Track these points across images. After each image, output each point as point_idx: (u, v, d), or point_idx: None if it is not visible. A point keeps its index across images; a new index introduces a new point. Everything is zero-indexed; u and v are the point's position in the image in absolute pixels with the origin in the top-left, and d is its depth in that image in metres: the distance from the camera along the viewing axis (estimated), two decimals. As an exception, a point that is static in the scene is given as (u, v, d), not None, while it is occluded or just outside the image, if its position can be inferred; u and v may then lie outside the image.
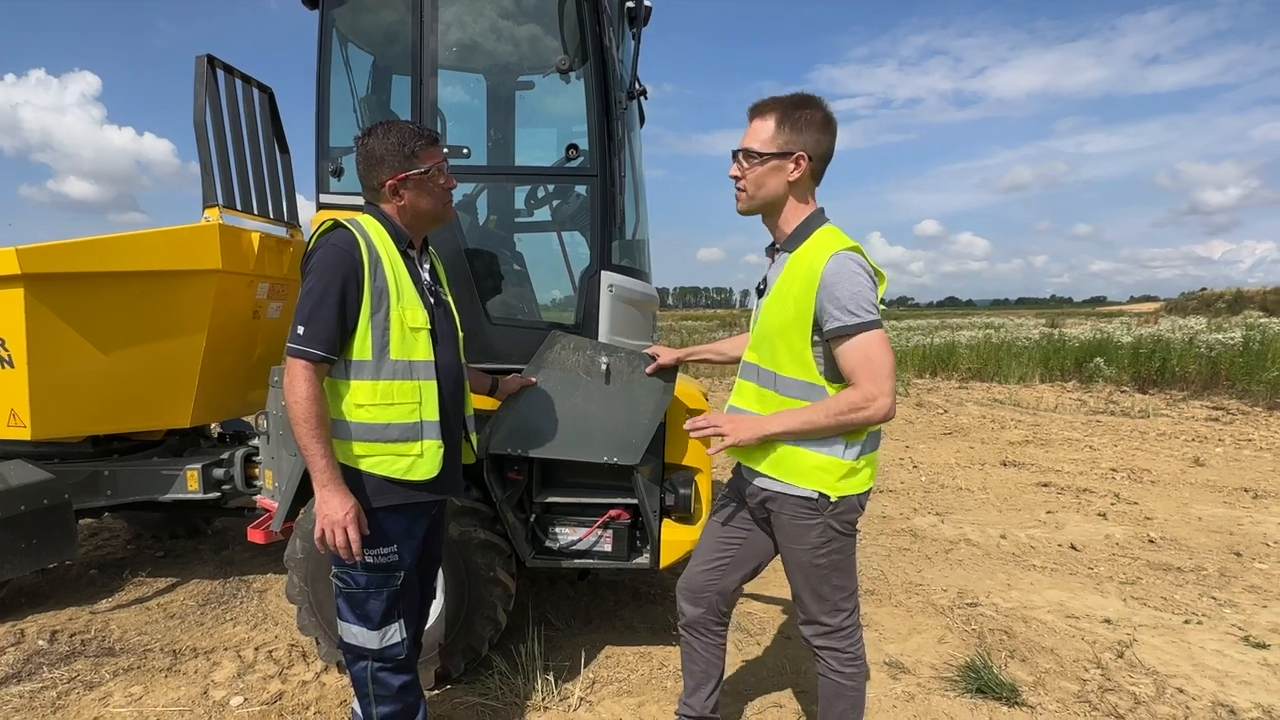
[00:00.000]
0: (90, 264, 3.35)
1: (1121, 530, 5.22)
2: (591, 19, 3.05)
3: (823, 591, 2.06)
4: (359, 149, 2.14)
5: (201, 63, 3.67)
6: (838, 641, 2.10)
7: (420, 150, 2.10)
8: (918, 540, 5.01)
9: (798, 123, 1.95)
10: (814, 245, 1.96)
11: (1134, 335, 15.04)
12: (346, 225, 2.05)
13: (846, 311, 1.83)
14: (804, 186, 2.01)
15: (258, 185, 4.05)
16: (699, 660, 2.37)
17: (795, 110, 1.95)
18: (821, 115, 1.96)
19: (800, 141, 1.95)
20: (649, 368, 2.87)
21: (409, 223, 2.16)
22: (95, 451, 3.91)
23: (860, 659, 2.13)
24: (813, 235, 1.99)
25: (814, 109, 1.96)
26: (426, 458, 2.10)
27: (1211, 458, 7.54)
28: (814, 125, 1.95)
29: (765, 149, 1.97)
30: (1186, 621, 3.69)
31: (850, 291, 1.83)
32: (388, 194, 2.11)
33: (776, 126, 1.96)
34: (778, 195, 2.01)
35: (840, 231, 1.99)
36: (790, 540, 2.06)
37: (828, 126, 1.97)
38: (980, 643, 3.42)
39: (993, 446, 8.20)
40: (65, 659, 3.20)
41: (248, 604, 3.84)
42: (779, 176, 1.98)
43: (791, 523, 2.02)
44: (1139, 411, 10.48)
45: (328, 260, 1.98)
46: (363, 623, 2.15)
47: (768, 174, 1.98)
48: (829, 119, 1.97)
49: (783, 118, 1.95)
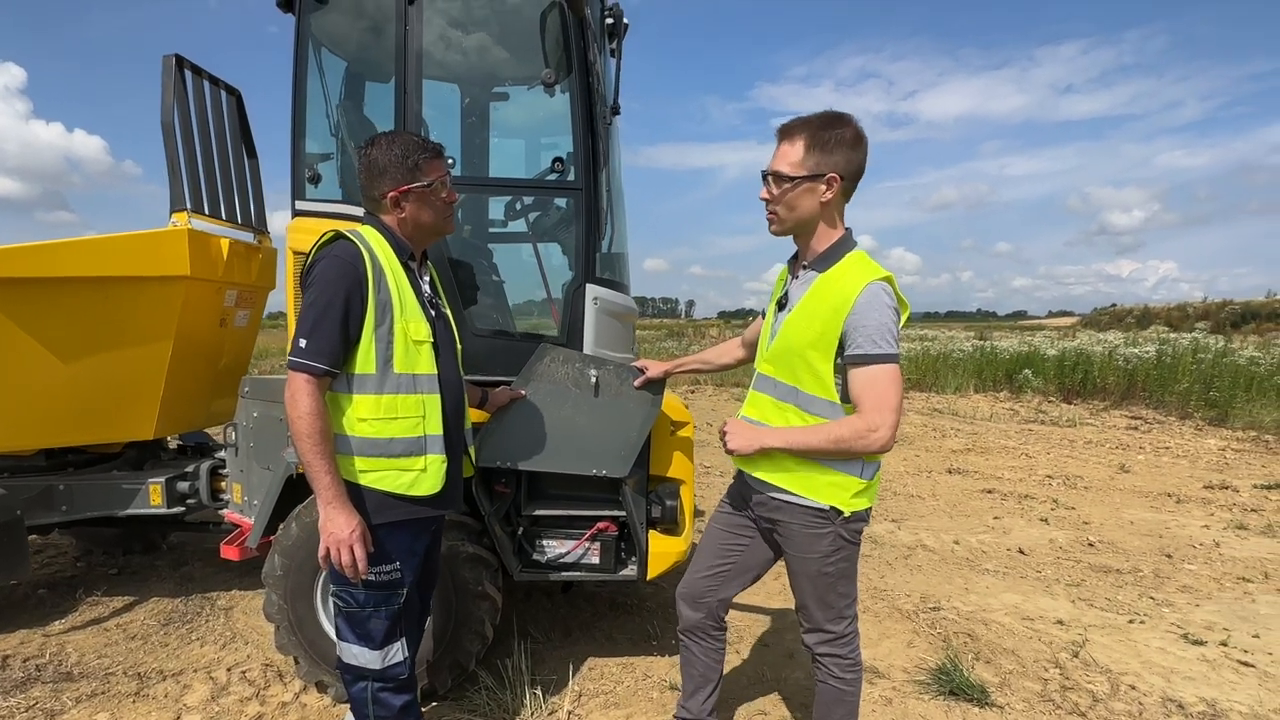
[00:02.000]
0: (47, 268, 3.19)
1: (1063, 535, 5.51)
2: (576, 33, 3.08)
3: (829, 599, 2.12)
4: (361, 159, 2.12)
5: (169, 63, 3.54)
6: (840, 648, 2.17)
7: (424, 163, 2.10)
8: (878, 546, 5.18)
9: (827, 144, 1.93)
10: (847, 270, 1.97)
11: (1058, 348, 15.85)
12: (349, 237, 2.02)
13: (871, 340, 1.86)
14: (836, 206, 2.01)
15: (226, 190, 3.93)
16: (698, 664, 2.42)
17: (824, 131, 1.93)
18: (852, 133, 1.94)
19: (831, 162, 1.93)
20: (637, 381, 2.90)
21: (409, 235, 2.15)
22: (49, 465, 3.71)
23: (859, 665, 2.21)
24: (844, 259, 1.99)
25: (843, 128, 1.94)
26: (430, 472, 2.09)
27: (1135, 464, 8.02)
28: (844, 144, 1.93)
29: (796, 172, 1.95)
30: (1130, 621, 3.94)
31: (878, 322, 1.86)
32: (389, 205, 2.10)
33: (806, 149, 1.94)
34: (811, 216, 2.00)
35: (870, 258, 2.01)
36: (800, 550, 2.10)
37: (858, 144, 1.95)
38: (947, 646, 3.57)
39: (937, 455, 8.53)
40: (21, 685, 3.02)
41: (214, 622, 3.69)
42: (811, 198, 1.97)
43: (803, 532, 2.06)
44: (1066, 420, 11.06)
45: (331, 272, 1.96)
46: (364, 642, 2.13)
47: (800, 196, 1.97)
48: (859, 136, 1.95)
49: (812, 140, 1.93)
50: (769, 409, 2.13)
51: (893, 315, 1.90)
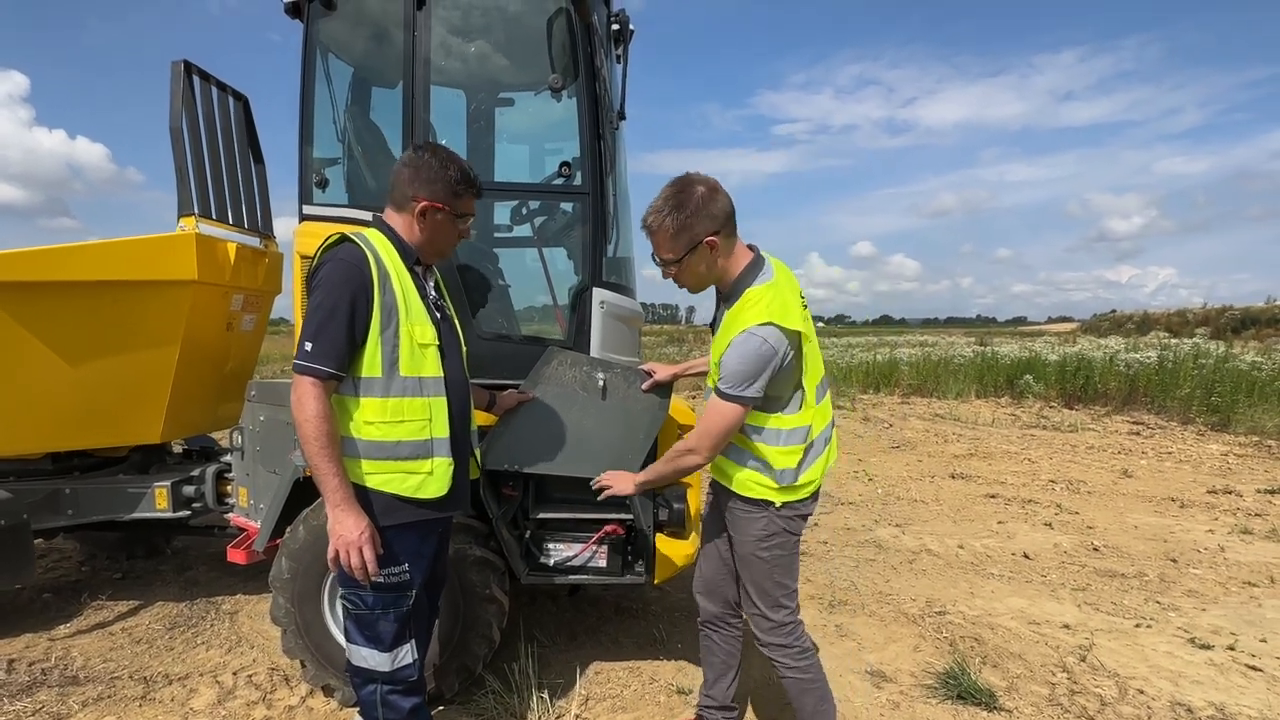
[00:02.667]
0: (55, 272, 3.20)
1: (1067, 539, 5.50)
2: (584, 39, 3.09)
3: (765, 585, 2.25)
4: (413, 158, 2.11)
5: (178, 69, 3.56)
6: (782, 638, 2.27)
7: (466, 195, 2.14)
8: (882, 551, 5.18)
9: (686, 219, 2.06)
10: (740, 310, 2.11)
11: (1059, 354, 15.86)
12: (355, 240, 2.02)
13: (724, 380, 2.08)
14: (727, 250, 2.14)
15: (233, 194, 3.94)
16: (719, 653, 2.55)
17: (679, 211, 2.06)
18: (702, 193, 2.06)
19: (700, 229, 2.07)
20: (645, 384, 2.91)
21: (417, 245, 2.15)
22: (55, 469, 3.70)
23: (809, 651, 2.30)
24: (743, 296, 2.13)
25: (692, 195, 2.06)
26: (437, 475, 2.08)
27: (1138, 470, 8.01)
28: (700, 210, 2.06)
29: (676, 254, 2.11)
30: (1137, 625, 3.93)
31: (735, 370, 2.05)
32: (414, 210, 2.10)
33: (674, 234, 2.08)
34: (710, 273, 2.18)
35: (767, 293, 2.09)
36: (738, 533, 2.27)
37: (714, 197, 2.08)
38: (954, 650, 3.56)
39: (940, 460, 8.53)
40: (27, 689, 3.02)
41: (219, 626, 3.69)
42: (700, 260, 2.12)
43: (741, 515, 2.26)
44: (1068, 426, 11.05)
45: (337, 276, 1.95)
46: (374, 645, 2.12)
47: (690, 266, 2.14)
48: (711, 190, 2.07)
49: (675, 224, 2.07)
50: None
51: (753, 366, 2.04)
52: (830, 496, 6.76)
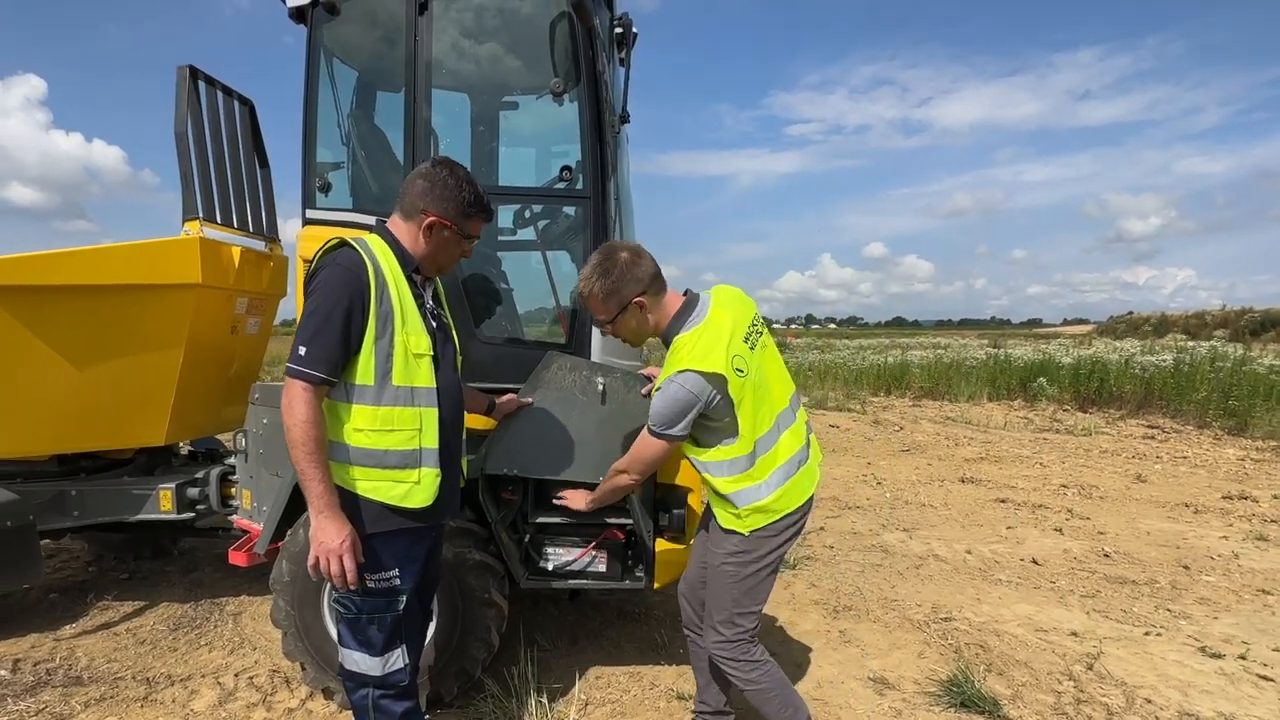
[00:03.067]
0: (61, 276, 3.23)
1: (1077, 545, 5.44)
2: (585, 42, 3.09)
3: (724, 600, 2.30)
4: (432, 172, 2.10)
5: (183, 73, 3.59)
6: (730, 651, 2.32)
7: (475, 217, 2.15)
8: (889, 556, 5.14)
9: (614, 284, 2.23)
10: (670, 357, 2.26)
11: (1073, 356, 15.70)
12: (353, 245, 2.00)
13: (651, 416, 2.24)
14: (654, 306, 2.29)
15: (238, 198, 3.96)
16: (703, 656, 2.55)
17: (605, 277, 2.23)
18: (623, 261, 2.22)
19: (628, 290, 2.23)
20: (644, 389, 2.90)
21: (419, 256, 2.13)
22: (61, 470, 3.74)
23: (760, 663, 2.34)
24: (672, 343, 2.27)
25: (613, 266, 2.23)
26: (423, 485, 2.06)
27: (1152, 474, 7.92)
28: (623, 277, 2.22)
29: (609, 315, 2.29)
30: (1147, 633, 3.87)
31: (657, 410, 2.20)
32: (421, 221, 2.08)
33: (604, 298, 2.25)
34: (646, 327, 2.33)
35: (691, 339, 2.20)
36: (713, 543, 2.36)
37: (631, 268, 2.23)
38: (958, 657, 3.53)
39: (950, 463, 8.46)
40: (31, 689, 3.04)
41: (222, 628, 3.71)
42: (635, 319, 2.29)
43: (717, 527, 2.35)
44: (1082, 430, 10.94)
45: (334, 280, 1.94)
46: (365, 649, 2.11)
47: (625, 323, 2.31)
48: (634, 256, 2.24)
49: (604, 291, 2.24)
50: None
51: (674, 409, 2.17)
52: (837, 500, 6.72)
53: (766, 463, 2.26)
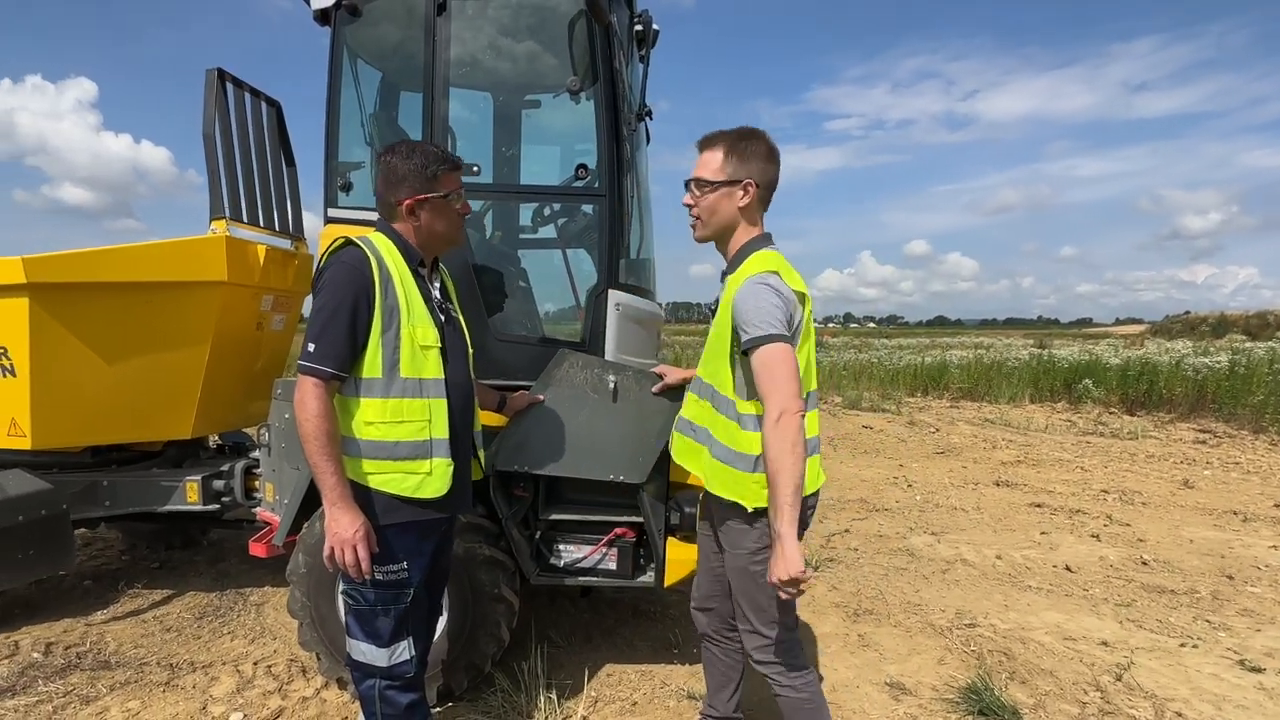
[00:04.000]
0: (95, 274, 3.34)
1: (1115, 552, 5.26)
2: (602, 41, 3.08)
3: (759, 601, 2.13)
4: (380, 165, 2.16)
5: (211, 76, 3.69)
6: (778, 655, 2.16)
7: (442, 175, 2.13)
8: (915, 560, 5.03)
9: (744, 153, 2.08)
10: (741, 270, 2.08)
11: (1122, 357, 15.20)
12: (357, 243, 2.05)
13: (749, 326, 1.96)
14: (752, 212, 2.14)
15: (264, 198, 4.06)
16: (719, 665, 2.50)
17: (741, 141, 2.10)
18: (765, 146, 2.11)
19: (747, 169, 2.08)
20: (655, 387, 2.88)
21: (421, 243, 2.17)
22: (94, 462, 3.87)
23: (805, 669, 2.19)
24: (745, 260, 2.10)
25: (758, 141, 2.11)
26: (436, 475, 2.10)
27: (1200, 480, 7.61)
28: (759, 155, 2.10)
29: (715, 177, 2.10)
30: (1182, 645, 3.72)
31: (753, 308, 1.95)
32: (404, 213, 2.13)
33: (725, 156, 2.09)
34: (729, 221, 2.14)
35: (772, 255, 2.09)
36: (731, 545, 2.17)
37: (771, 156, 2.12)
38: (980, 664, 3.44)
39: (985, 466, 8.26)
40: (61, 672, 3.16)
41: (245, 617, 3.81)
42: (729, 203, 2.11)
43: (733, 528, 2.15)
44: (1128, 433, 10.59)
45: (339, 278, 1.99)
46: (372, 640, 2.15)
47: (719, 200, 2.11)
48: (772, 149, 2.12)
49: (730, 148, 2.09)
50: (694, 406, 2.27)
51: (771, 300, 1.95)
52: (865, 503, 6.61)
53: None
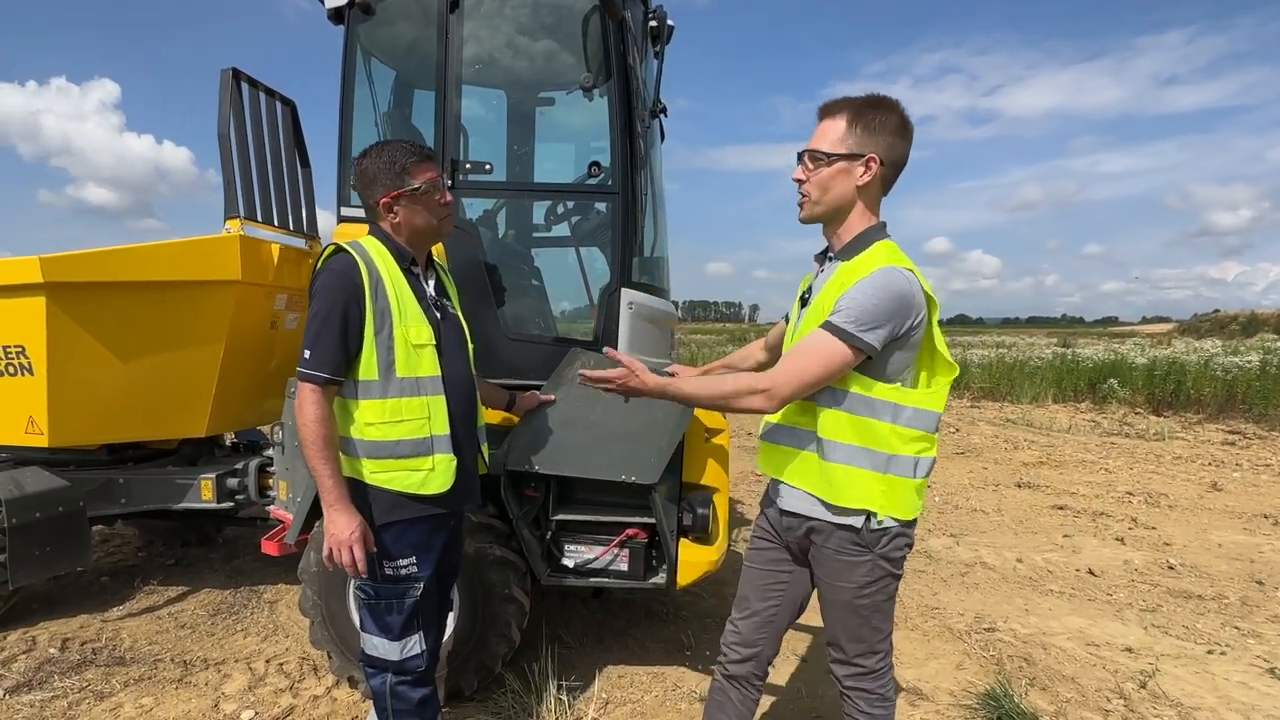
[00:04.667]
0: (111, 273, 3.36)
1: (1140, 556, 5.14)
2: (616, 37, 3.06)
3: (862, 633, 1.95)
4: (355, 170, 2.18)
5: (226, 76, 3.70)
6: (870, 683, 2.00)
7: (412, 167, 2.13)
8: (933, 562, 4.95)
9: (871, 124, 1.81)
10: (869, 257, 1.83)
11: (1148, 356, 14.92)
12: (347, 249, 2.09)
13: (843, 314, 1.74)
14: (873, 193, 1.87)
15: (278, 197, 4.07)
16: (731, 712, 2.17)
17: (869, 111, 1.82)
18: (898, 119, 1.82)
19: (873, 144, 1.81)
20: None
21: (407, 239, 2.19)
22: (110, 459, 3.91)
23: (890, 700, 2.04)
24: (871, 247, 1.85)
25: (890, 111, 1.82)
26: (439, 471, 2.12)
27: (1229, 482, 7.44)
28: (888, 128, 1.81)
29: (834, 150, 1.83)
30: (1210, 652, 3.63)
31: (860, 301, 1.73)
32: (383, 212, 2.15)
33: (848, 126, 1.82)
34: (844, 201, 1.86)
35: (899, 250, 1.85)
36: (833, 578, 1.92)
37: (904, 131, 1.83)
38: (999, 670, 3.37)
39: (1006, 467, 8.13)
40: (76, 668, 3.19)
41: (258, 615, 3.83)
42: (847, 180, 1.83)
43: (836, 558, 1.89)
44: (1154, 434, 10.38)
45: (329, 284, 2.04)
46: (383, 634, 2.18)
47: (835, 177, 1.83)
48: (905, 123, 1.83)
49: (855, 117, 1.82)
50: (790, 409, 1.96)
51: (888, 303, 1.73)
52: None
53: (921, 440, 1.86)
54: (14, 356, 3.34)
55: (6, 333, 3.33)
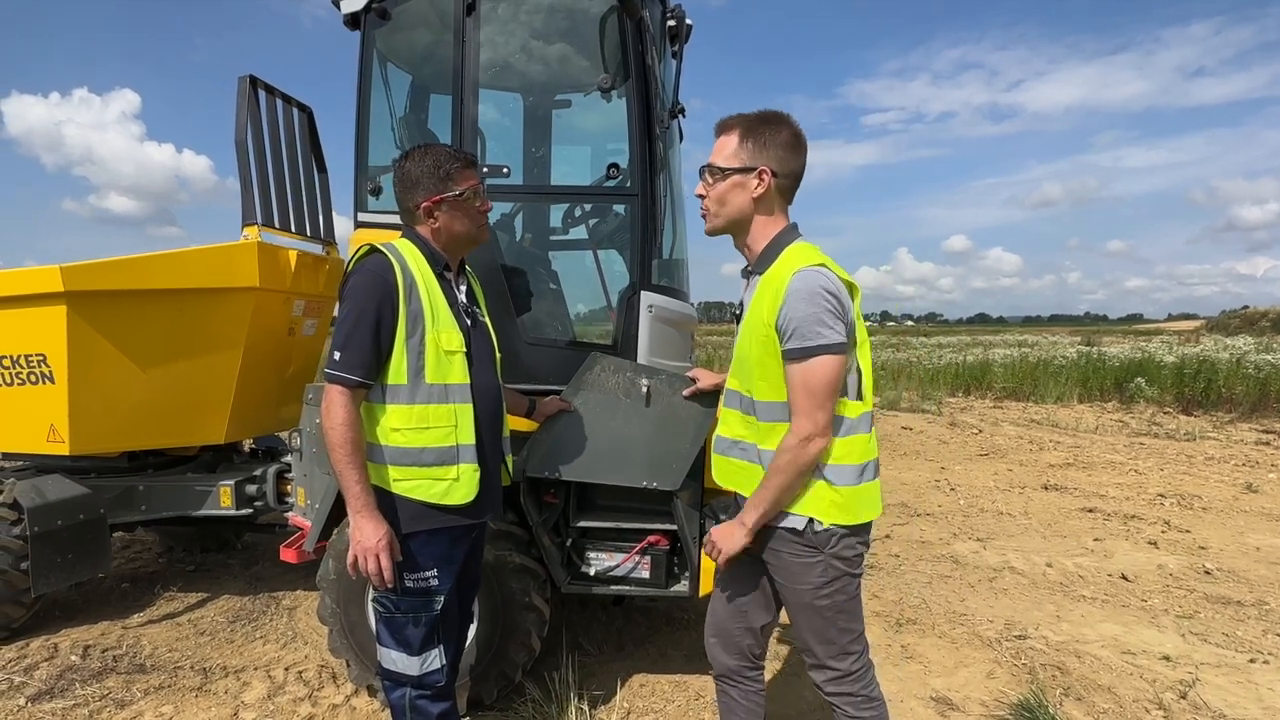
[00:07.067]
0: (131, 281, 3.37)
1: (1174, 560, 5.01)
2: (634, 37, 3.01)
3: (828, 635, 1.94)
4: (396, 172, 2.16)
5: (244, 83, 3.70)
6: (849, 686, 1.98)
7: (455, 173, 2.10)
8: (959, 567, 4.85)
9: (761, 138, 1.90)
10: (781, 264, 1.89)
11: (1177, 354, 14.65)
12: (382, 250, 2.05)
13: (798, 334, 1.78)
14: (770, 203, 1.95)
15: (295, 203, 4.07)
16: (739, 710, 2.18)
17: (760, 126, 1.92)
18: (788, 132, 1.92)
19: (765, 157, 1.90)
20: (686, 391, 2.79)
21: (444, 245, 2.16)
22: (130, 467, 3.92)
23: (876, 700, 2.02)
24: (782, 254, 1.92)
25: (779, 125, 1.92)
26: (463, 481, 2.08)
27: (1265, 484, 7.25)
28: (778, 141, 1.91)
29: (728, 164, 1.93)
30: (1252, 660, 3.51)
31: (805, 314, 1.77)
32: (423, 216, 2.12)
33: (739, 141, 1.92)
34: (742, 213, 1.95)
35: (812, 247, 1.92)
36: (789, 580, 1.94)
37: (795, 144, 1.93)
38: (1032, 679, 3.27)
39: (1032, 469, 7.99)
40: (97, 675, 3.19)
41: (277, 622, 3.82)
42: (743, 194, 1.93)
43: (790, 561, 1.91)
44: (1185, 434, 10.17)
45: (363, 286, 2.00)
46: (402, 648, 2.14)
47: (730, 190, 1.93)
48: (796, 135, 1.93)
49: (746, 132, 1.92)
50: (735, 422, 2.03)
51: (824, 302, 1.78)
52: (906, 507, 6.42)
53: (865, 445, 1.90)
54: (35, 365, 3.35)
55: (28, 341, 3.35)
